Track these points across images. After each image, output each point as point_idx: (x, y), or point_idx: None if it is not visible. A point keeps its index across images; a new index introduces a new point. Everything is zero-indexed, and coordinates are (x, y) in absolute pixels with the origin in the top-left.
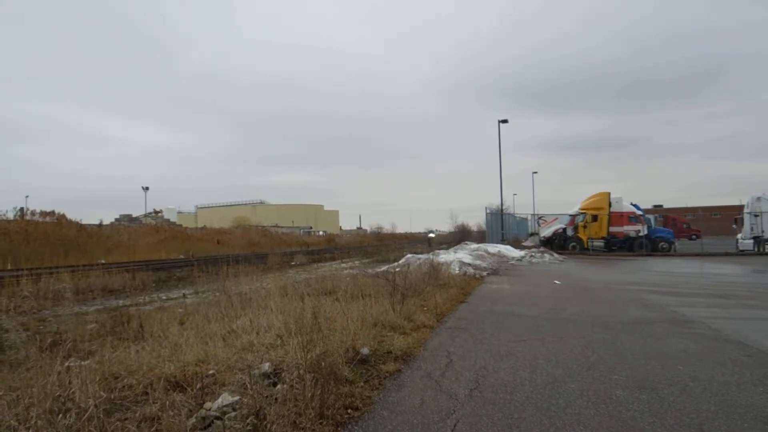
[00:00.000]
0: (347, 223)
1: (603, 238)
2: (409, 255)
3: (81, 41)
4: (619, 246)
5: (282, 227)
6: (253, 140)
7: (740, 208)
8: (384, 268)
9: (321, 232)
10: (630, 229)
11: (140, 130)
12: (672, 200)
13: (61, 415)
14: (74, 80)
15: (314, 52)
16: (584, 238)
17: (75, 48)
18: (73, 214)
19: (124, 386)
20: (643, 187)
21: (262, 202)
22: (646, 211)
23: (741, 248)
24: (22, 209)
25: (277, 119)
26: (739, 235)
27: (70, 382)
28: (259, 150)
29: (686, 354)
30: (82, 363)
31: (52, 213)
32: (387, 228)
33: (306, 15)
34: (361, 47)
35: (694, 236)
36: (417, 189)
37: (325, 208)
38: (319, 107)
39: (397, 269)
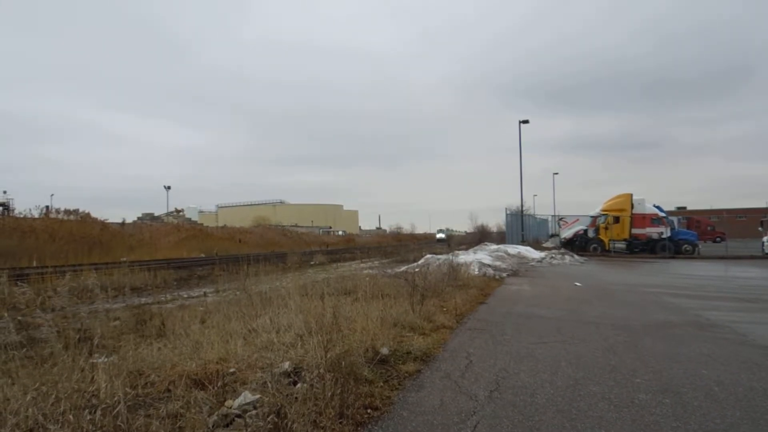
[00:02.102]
0: (367, 223)
1: (625, 239)
2: (428, 255)
3: (102, 42)
4: (642, 248)
5: (301, 227)
6: (273, 140)
7: (766, 210)
8: (403, 268)
9: (340, 232)
10: (653, 231)
11: (164, 130)
12: (696, 202)
13: (87, 411)
14: (96, 80)
15: (333, 51)
16: (606, 240)
17: (98, 48)
18: (96, 213)
19: (147, 383)
20: (667, 188)
21: (281, 202)
22: (670, 212)
23: (767, 251)
24: (47, 207)
25: (297, 119)
26: (765, 238)
27: (93, 379)
28: (279, 150)
29: (710, 358)
30: (107, 359)
31: (76, 211)
32: (406, 228)
33: (324, 14)
34: (380, 46)
35: (718, 238)
36: (436, 189)
37: (345, 208)
38: (338, 107)
39: (417, 270)
